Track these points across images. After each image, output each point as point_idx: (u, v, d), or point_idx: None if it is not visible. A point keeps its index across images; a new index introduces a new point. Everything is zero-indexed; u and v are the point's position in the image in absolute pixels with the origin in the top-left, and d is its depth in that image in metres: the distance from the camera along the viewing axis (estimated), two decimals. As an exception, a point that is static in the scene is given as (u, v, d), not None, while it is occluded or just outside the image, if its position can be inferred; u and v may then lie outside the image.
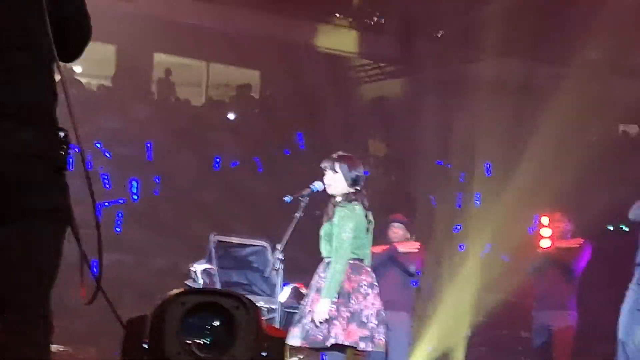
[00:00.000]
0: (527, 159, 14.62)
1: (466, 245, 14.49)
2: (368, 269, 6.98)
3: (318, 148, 14.82)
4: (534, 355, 10.13)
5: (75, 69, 18.43)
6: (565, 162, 14.09)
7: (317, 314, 6.69)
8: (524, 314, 10.64)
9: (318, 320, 6.68)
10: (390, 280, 8.76)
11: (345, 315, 6.72)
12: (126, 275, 14.29)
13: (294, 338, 6.81)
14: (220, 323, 3.24)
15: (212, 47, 19.88)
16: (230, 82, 21.04)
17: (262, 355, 3.21)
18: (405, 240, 9.32)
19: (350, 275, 6.82)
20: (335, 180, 6.99)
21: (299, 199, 7.29)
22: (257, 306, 3.29)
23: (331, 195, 7.05)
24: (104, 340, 11.82)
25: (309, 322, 6.74)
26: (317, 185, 7.20)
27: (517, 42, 17.01)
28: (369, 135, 19.67)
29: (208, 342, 3.22)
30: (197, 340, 3.21)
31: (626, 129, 20.37)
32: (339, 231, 6.79)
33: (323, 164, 7.08)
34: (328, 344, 6.70)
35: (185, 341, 3.17)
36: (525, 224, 13.60)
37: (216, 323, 3.25)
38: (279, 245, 7.48)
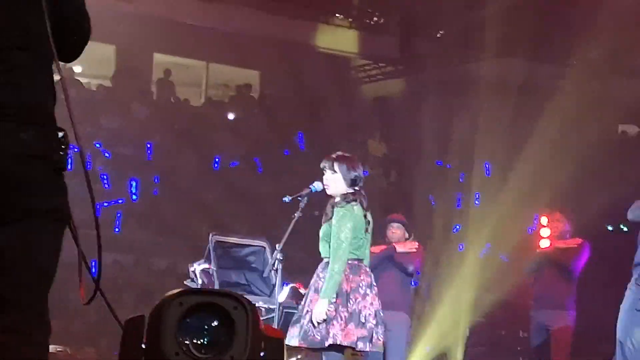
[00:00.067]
0: (527, 159, 14.64)
1: (465, 245, 14.51)
2: (367, 269, 6.98)
3: (318, 148, 14.84)
4: (533, 355, 10.13)
5: (75, 69, 18.44)
6: (565, 162, 14.11)
7: (316, 314, 6.69)
8: (523, 314, 10.65)
9: (316, 320, 6.68)
10: (389, 281, 8.76)
11: (344, 315, 6.72)
12: (125, 275, 14.32)
13: (293, 338, 6.81)
14: (219, 323, 3.24)
15: (212, 47, 19.90)
16: (230, 82, 21.05)
17: (261, 356, 3.21)
18: (404, 240, 9.32)
19: (349, 275, 6.82)
20: (334, 181, 6.98)
21: (298, 199, 7.29)
22: (256, 306, 3.29)
23: (330, 196, 7.06)
24: (102, 341, 11.84)
25: (308, 322, 6.74)
26: (317, 186, 7.19)
27: (517, 42, 17.02)
28: (368, 135, 19.68)
29: (206, 343, 3.22)
30: (196, 341, 3.21)
31: (625, 129, 20.38)
32: (338, 231, 6.78)
33: (322, 164, 7.08)
34: (326, 344, 6.70)
35: (184, 341, 3.17)
36: (524, 224, 13.63)
37: (215, 323, 3.24)
38: (278, 245, 7.49)
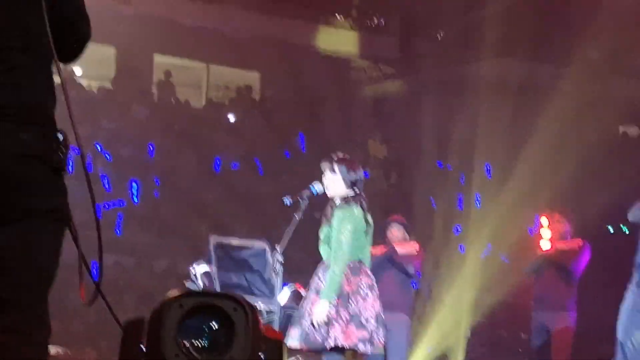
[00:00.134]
0: (527, 160, 14.63)
1: (466, 246, 14.50)
2: (367, 271, 6.97)
3: (318, 149, 14.84)
4: (533, 356, 10.12)
5: (76, 70, 18.46)
6: (565, 163, 14.10)
7: (316, 315, 6.69)
8: (524, 315, 10.64)
9: (317, 322, 6.68)
10: (389, 282, 8.75)
11: (345, 317, 6.71)
12: (126, 277, 14.31)
13: (293, 340, 6.81)
14: (219, 325, 3.24)
15: (212, 49, 19.91)
16: (230, 84, 21.06)
17: (260, 357, 3.21)
18: (404, 242, 9.31)
19: (350, 277, 6.82)
20: (333, 182, 6.97)
21: (298, 200, 7.29)
22: (256, 308, 3.29)
23: (330, 197, 7.05)
24: (103, 342, 11.84)
25: (308, 324, 6.74)
26: (317, 186, 7.19)
27: (517, 43, 17.03)
28: (369, 136, 19.68)
29: (206, 344, 3.22)
30: (195, 342, 3.21)
31: (626, 130, 20.37)
32: (338, 233, 6.78)
33: (322, 165, 7.08)
34: (327, 345, 6.69)
35: (184, 343, 3.17)
36: (525, 225, 13.61)
37: (214, 325, 3.24)
38: (278, 246, 7.48)
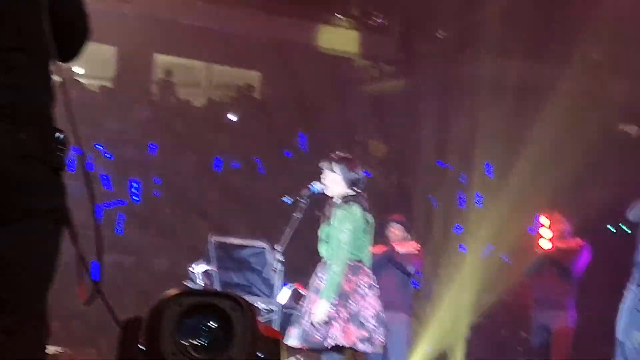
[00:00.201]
0: (527, 160, 14.63)
1: (466, 245, 14.50)
2: (367, 270, 6.98)
3: (318, 149, 14.83)
4: (533, 355, 10.14)
5: (76, 70, 18.46)
6: (565, 163, 14.10)
7: (316, 315, 6.70)
8: (524, 314, 10.65)
9: (317, 321, 6.69)
10: (389, 281, 8.76)
11: (344, 316, 6.72)
12: (126, 276, 14.32)
13: (293, 339, 6.82)
14: (217, 324, 3.25)
15: (213, 48, 19.90)
16: (231, 83, 21.04)
17: (258, 356, 3.22)
18: (404, 241, 9.32)
19: (349, 276, 6.83)
20: (333, 181, 6.99)
21: (298, 199, 7.30)
22: (254, 307, 3.30)
23: (330, 197, 7.06)
24: (103, 342, 11.84)
25: (308, 323, 6.75)
26: (316, 186, 7.20)
27: (518, 43, 17.02)
28: (369, 136, 19.67)
29: (204, 343, 3.23)
30: (194, 341, 3.22)
31: (626, 129, 20.36)
32: (337, 232, 6.79)
33: (322, 165, 7.09)
34: (327, 345, 6.71)
35: (182, 342, 3.18)
36: (525, 225, 13.60)
37: (212, 324, 3.25)
38: (278, 246, 7.49)
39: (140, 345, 3.16)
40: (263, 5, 19.50)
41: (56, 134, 3.07)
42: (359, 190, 7.00)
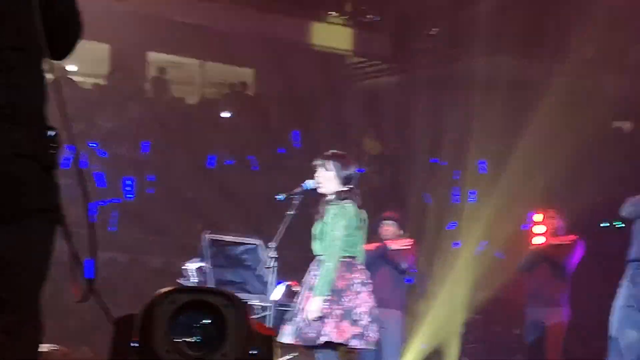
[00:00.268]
0: (521, 157, 14.64)
1: (460, 242, 14.51)
2: (361, 267, 6.99)
3: (313, 146, 14.84)
4: (527, 351, 10.16)
5: (69, 68, 18.44)
6: (559, 159, 14.12)
7: (309, 312, 6.71)
8: (517, 310, 10.67)
9: (310, 318, 6.70)
10: (382, 278, 8.76)
11: (338, 313, 6.73)
12: (120, 274, 14.32)
13: (287, 336, 6.83)
14: (210, 321, 3.25)
15: (206, 46, 19.89)
16: (225, 81, 21.04)
17: (251, 354, 3.23)
18: (397, 238, 9.32)
19: (343, 273, 6.84)
20: (327, 179, 6.99)
21: (291, 197, 7.30)
22: (246, 304, 3.31)
23: (324, 194, 7.07)
24: (97, 339, 11.82)
25: (302, 320, 6.76)
26: (310, 184, 7.20)
27: (511, 40, 17.04)
28: (363, 133, 19.68)
29: (197, 341, 3.23)
30: (187, 339, 3.23)
31: (620, 126, 20.39)
32: (331, 229, 6.80)
33: (316, 162, 7.09)
34: (320, 341, 6.71)
35: (175, 339, 3.19)
36: (519, 221, 13.62)
37: (206, 321, 3.26)
38: (271, 243, 7.50)
39: (134, 343, 3.16)
40: (257, 3, 19.51)
41: (49, 132, 3.07)
42: (352, 187, 7.01)
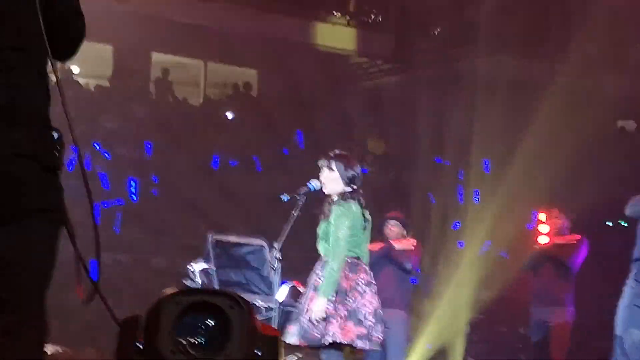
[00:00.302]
0: (525, 156, 14.63)
1: (465, 242, 14.50)
2: (365, 267, 6.99)
3: (317, 146, 14.84)
4: (532, 351, 10.15)
5: (73, 69, 18.46)
6: (563, 159, 14.10)
7: (314, 312, 6.70)
8: (523, 310, 10.66)
9: (315, 318, 6.70)
10: (386, 278, 8.76)
11: (343, 313, 6.73)
12: (125, 275, 14.31)
13: (292, 336, 6.83)
14: (215, 322, 3.25)
15: (210, 46, 19.91)
16: (228, 81, 21.06)
17: (256, 354, 3.22)
18: (401, 238, 9.31)
19: (348, 273, 6.84)
20: (331, 179, 6.99)
21: (295, 197, 7.30)
22: (252, 305, 3.30)
23: (328, 194, 7.07)
24: (102, 340, 11.83)
25: (307, 321, 6.76)
26: (314, 184, 7.19)
27: (514, 39, 17.04)
28: (367, 133, 19.68)
29: (202, 342, 3.23)
30: (192, 340, 3.22)
31: (623, 125, 20.38)
32: (335, 229, 6.80)
33: (319, 162, 7.09)
34: (325, 342, 6.71)
35: (180, 340, 3.18)
36: (523, 221, 13.61)
37: (211, 322, 3.25)
38: (276, 244, 7.49)
39: (138, 344, 3.16)
40: (260, 3, 19.51)
41: (52, 133, 3.07)
42: (356, 187, 7.01)
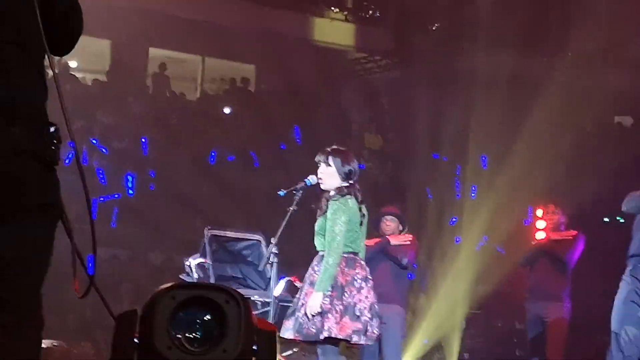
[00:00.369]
0: (522, 151, 14.65)
1: (462, 237, 14.52)
2: (362, 263, 7.00)
3: (314, 142, 14.84)
4: (528, 346, 10.16)
5: (71, 64, 18.45)
6: (560, 154, 14.12)
7: (310, 307, 6.71)
8: (518, 305, 10.67)
9: (311, 313, 6.71)
10: (383, 273, 8.74)
11: (339, 308, 6.73)
12: (121, 270, 14.33)
13: (288, 331, 6.83)
14: (211, 317, 3.25)
15: (207, 41, 19.90)
16: (226, 76, 21.05)
17: (253, 349, 3.23)
18: (398, 233, 9.31)
19: (344, 268, 6.84)
20: (328, 174, 7.00)
21: (293, 192, 7.30)
22: (248, 300, 3.30)
23: (325, 190, 7.07)
24: (99, 335, 11.85)
25: (303, 315, 6.77)
26: (311, 179, 7.20)
27: (512, 35, 17.03)
28: (365, 129, 19.69)
29: (198, 336, 3.23)
30: (188, 335, 3.22)
31: (620, 121, 20.39)
32: (332, 225, 6.80)
33: (317, 158, 7.09)
34: (321, 337, 6.72)
35: (176, 335, 3.18)
36: (520, 216, 13.63)
37: (207, 317, 3.25)
38: (273, 239, 7.49)
39: (135, 339, 3.16)
40: (258, -2, 19.52)
41: (49, 129, 3.07)
42: (353, 182, 7.01)
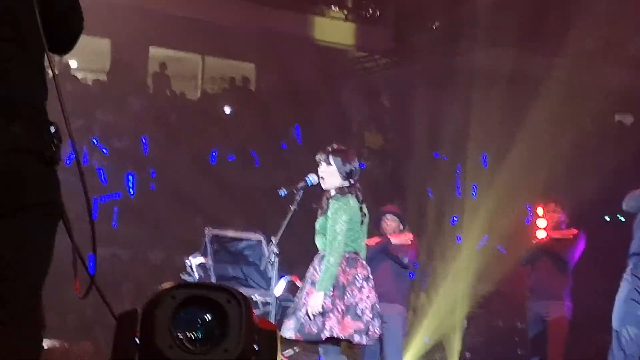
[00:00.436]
0: (523, 150, 14.64)
1: (462, 236, 14.51)
2: (363, 262, 6.99)
3: (314, 141, 14.84)
4: (529, 345, 10.15)
5: (71, 63, 18.45)
6: (560, 153, 14.11)
7: (311, 306, 6.70)
8: (520, 304, 10.67)
9: (312, 313, 6.70)
10: (383, 273, 8.74)
11: (340, 308, 6.73)
12: (122, 269, 14.33)
13: (289, 330, 6.82)
14: (212, 317, 3.24)
15: (207, 40, 19.90)
16: (226, 75, 21.05)
17: (254, 348, 3.22)
18: (398, 232, 9.31)
19: (346, 268, 6.83)
20: (329, 174, 6.99)
21: (293, 191, 7.29)
22: (249, 299, 3.29)
23: (326, 189, 7.06)
24: (99, 334, 11.85)
25: (304, 315, 6.76)
26: (312, 178, 7.18)
27: (512, 33, 17.03)
28: (365, 128, 19.69)
29: (200, 336, 3.22)
30: (189, 334, 3.22)
31: (621, 119, 20.39)
32: (333, 224, 6.79)
33: (317, 157, 7.09)
34: (323, 336, 6.71)
35: (177, 335, 3.18)
36: (521, 215, 13.63)
37: (208, 317, 3.25)
38: (274, 238, 7.49)
39: (136, 338, 3.16)
40: (258, -3, 19.51)
41: (49, 128, 3.07)
42: (354, 181, 7.01)
